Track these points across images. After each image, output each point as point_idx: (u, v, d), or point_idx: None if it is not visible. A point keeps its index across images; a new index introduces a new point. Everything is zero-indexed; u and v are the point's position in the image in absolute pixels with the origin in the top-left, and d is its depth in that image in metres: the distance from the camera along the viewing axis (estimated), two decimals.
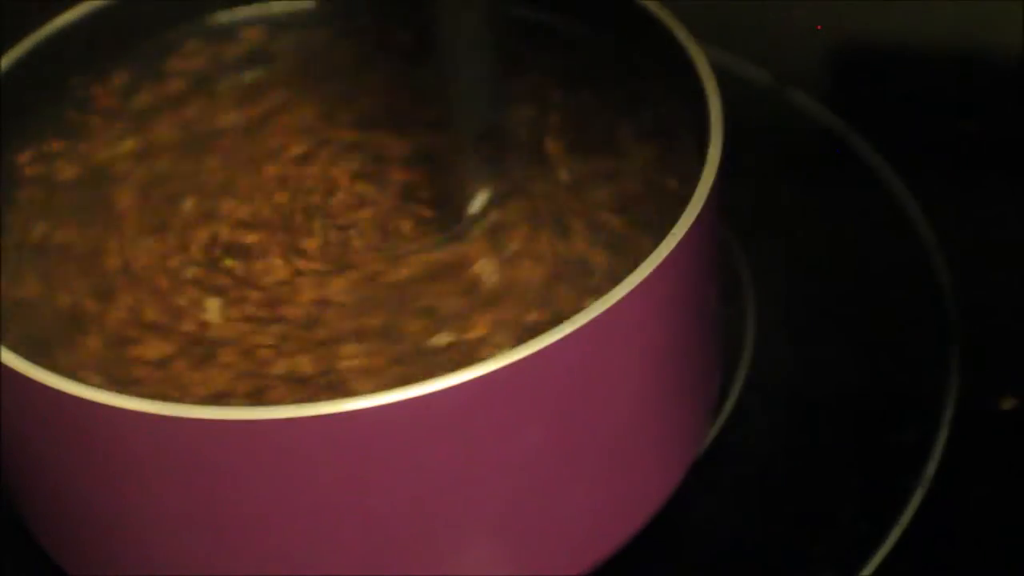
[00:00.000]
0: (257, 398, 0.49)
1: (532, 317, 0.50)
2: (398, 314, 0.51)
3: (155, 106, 0.58)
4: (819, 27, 0.72)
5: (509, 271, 0.51)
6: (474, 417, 0.46)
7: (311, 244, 0.53)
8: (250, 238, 0.54)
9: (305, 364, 0.50)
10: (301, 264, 0.53)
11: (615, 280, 0.47)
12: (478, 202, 0.53)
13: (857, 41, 0.73)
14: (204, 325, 0.51)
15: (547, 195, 0.54)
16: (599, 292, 0.47)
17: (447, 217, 0.53)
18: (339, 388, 0.49)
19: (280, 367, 0.50)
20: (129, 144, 0.57)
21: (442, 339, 0.50)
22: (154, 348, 0.51)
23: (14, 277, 0.53)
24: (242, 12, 0.61)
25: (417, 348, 0.49)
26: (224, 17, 0.61)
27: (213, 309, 0.52)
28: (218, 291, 0.52)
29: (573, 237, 0.52)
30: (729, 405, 0.58)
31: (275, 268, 0.53)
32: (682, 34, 0.53)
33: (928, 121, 0.68)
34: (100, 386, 0.47)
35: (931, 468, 0.55)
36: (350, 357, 0.50)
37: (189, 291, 0.52)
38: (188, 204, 0.55)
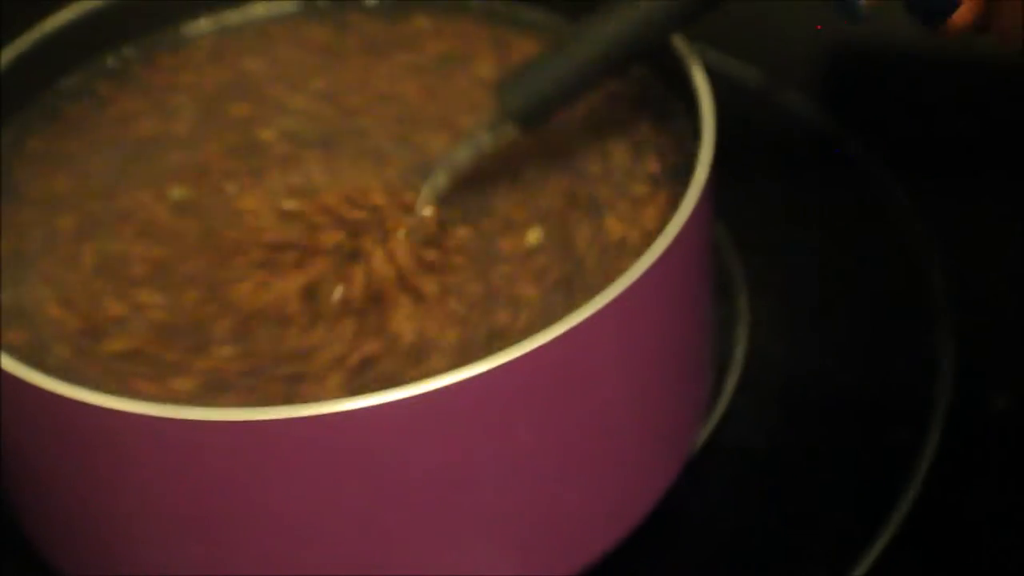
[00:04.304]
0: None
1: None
2: None
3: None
4: (819, 27, 0.72)
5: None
6: (470, 417, 0.46)
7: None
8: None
9: None
10: None
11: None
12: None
13: (852, 41, 0.73)
14: None
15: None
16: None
17: None
18: None
19: None
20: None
21: None
22: None
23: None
24: (241, 12, 0.61)
25: None
26: (224, 16, 0.61)
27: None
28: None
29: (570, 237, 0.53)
30: (722, 404, 0.58)
31: None
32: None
33: (923, 122, 0.68)
34: None
35: (923, 468, 0.55)
36: None
37: None
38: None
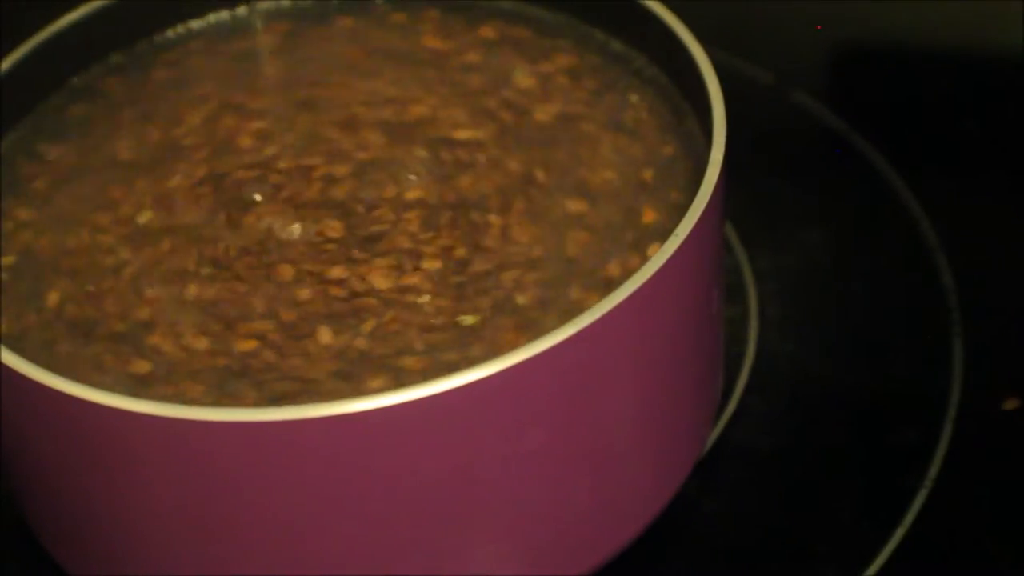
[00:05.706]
0: None
1: None
2: None
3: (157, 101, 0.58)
4: (819, 27, 0.72)
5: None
6: (477, 418, 0.46)
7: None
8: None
9: None
10: None
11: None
12: None
13: (858, 41, 0.73)
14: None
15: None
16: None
17: None
18: None
19: None
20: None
21: None
22: None
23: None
24: (240, 11, 0.61)
25: None
26: (224, 15, 0.61)
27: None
28: None
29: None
30: (732, 406, 0.58)
31: None
32: (685, 34, 0.53)
33: (929, 121, 0.68)
34: None
35: (934, 469, 0.55)
36: None
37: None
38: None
